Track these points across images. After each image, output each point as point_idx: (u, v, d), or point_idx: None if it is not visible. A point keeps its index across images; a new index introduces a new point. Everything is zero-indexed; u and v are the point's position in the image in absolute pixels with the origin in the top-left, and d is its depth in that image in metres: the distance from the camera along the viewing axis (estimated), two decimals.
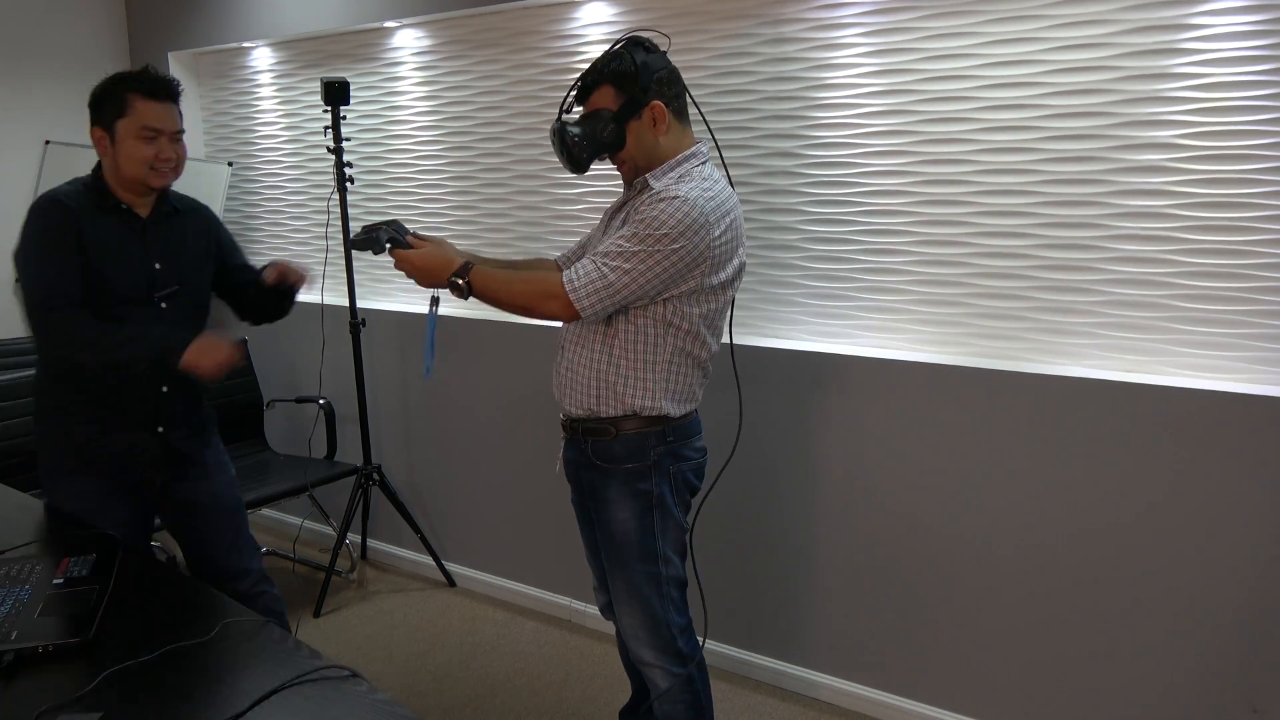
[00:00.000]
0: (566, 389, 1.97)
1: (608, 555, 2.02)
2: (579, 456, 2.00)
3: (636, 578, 1.98)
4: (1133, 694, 2.24)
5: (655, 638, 2.00)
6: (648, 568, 1.97)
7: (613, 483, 1.95)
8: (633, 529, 1.95)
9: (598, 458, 1.95)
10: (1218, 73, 2.01)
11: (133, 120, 2.01)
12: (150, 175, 2.04)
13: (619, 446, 1.92)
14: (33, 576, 1.74)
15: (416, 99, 3.32)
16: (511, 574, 3.34)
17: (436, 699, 2.74)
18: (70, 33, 3.96)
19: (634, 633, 2.02)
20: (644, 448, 1.92)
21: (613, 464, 1.94)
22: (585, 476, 2.00)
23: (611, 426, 1.92)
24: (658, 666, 2.02)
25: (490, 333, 3.18)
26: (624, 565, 1.98)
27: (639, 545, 1.96)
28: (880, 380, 2.46)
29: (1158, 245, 2.14)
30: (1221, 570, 2.10)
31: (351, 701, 1.35)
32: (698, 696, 2.06)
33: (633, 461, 1.92)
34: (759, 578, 2.76)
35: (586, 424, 1.95)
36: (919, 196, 2.40)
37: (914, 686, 2.56)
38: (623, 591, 2.00)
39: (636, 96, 1.86)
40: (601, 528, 2.00)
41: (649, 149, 1.90)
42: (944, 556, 2.45)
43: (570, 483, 2.09)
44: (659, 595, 1.98)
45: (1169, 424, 2.11)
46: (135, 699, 1.35)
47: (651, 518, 1.94)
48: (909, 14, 2.33)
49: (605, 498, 1.96)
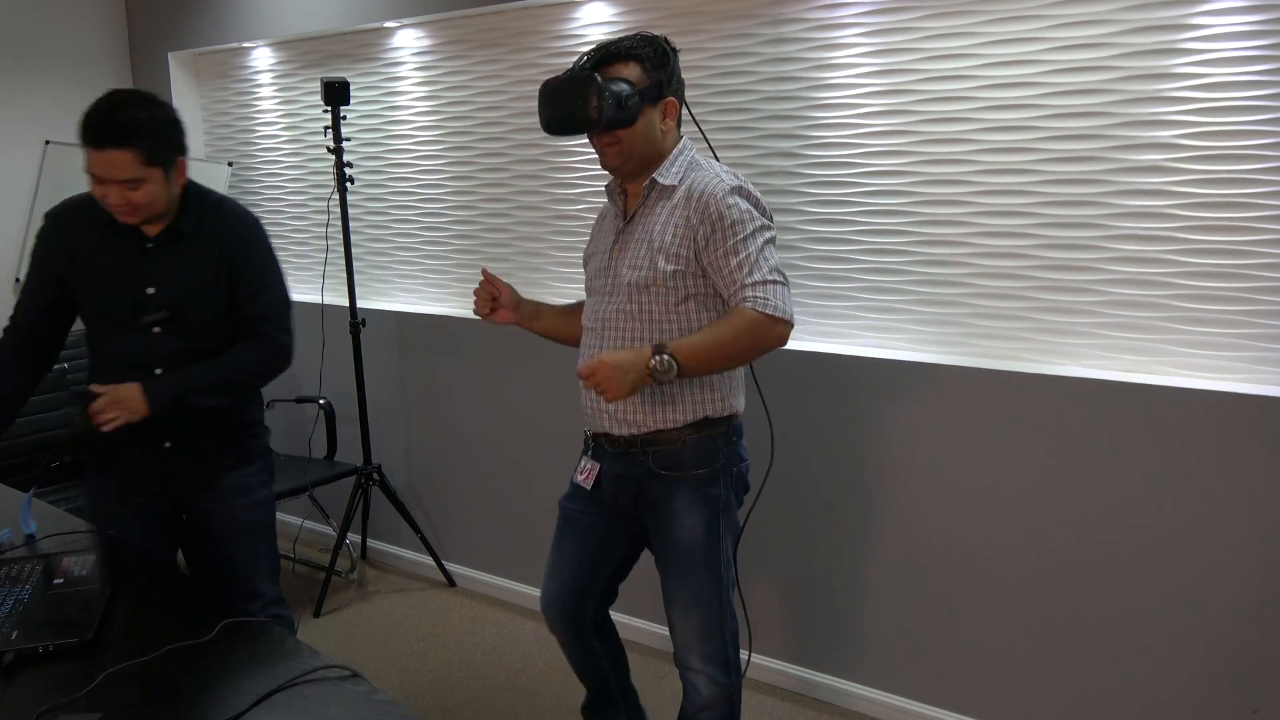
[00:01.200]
0: (617, 413, 1.89)
1: (670, 564, 1.95)
2: (634, 469, 1.92)
3: (702, 583, 1.92)
4: (1132, 694, 2.24)
5: (709, 645, 1.95)
6: (713, 573, 1.92)
7: (681, 491, 1.89)
8: (701, 535, 1.90)
9: (662, 467, 1.89)
10: (1218, 73, 2.01)
11: (87, 162, 1.86)
12: (116, 214, 1.92)
13: (688, 453, 1.88)
14: (33, 576, 1.74)
15: (416, 99, 3.32)
16: (511, 574, 3.34)
17: (436, 699, 2.74)
18: (70, 33, 3.96)
19: (688, 640, 1.96)
20: (714, 451, 1.89)
21: (681, 471, 1.88)
22: (644, 489, 1.92)
23: (678, 435, 1.87)
24: (703, 673, 1.96)
25: (490, 333, 3.18)
26: (688, 572, 1.92)
27: (705, 551, 1.90)
28: (880, 380, 2.46)
29: (1158, 245, 2.14)
30: (1221, 570, 2.10)
31: (351, 701, 1.35)
32: (735, 708, 2.02)
33: (703, 467, 1.88)
34: (755, 577, 2.76)
35: (645, 438, 1.89)
36: (919, 196, 2.40)
37: (910, 684, 2.56)
38: (683, 598, 1.94)
39: (662, 83, 1.85)
40: (664, 537, 1.93)
41: (653, 139, 1.87)
42: (943, 555, 2.44)
43: (610, 500, 2.00)
44: (720, 601, 1.94)
45: (1169, 424, 2.11)
46: (135, 699, 1.35)
47: (719, 523, 1.91)
48: (909, 14, 2.33)
49: (672, 507, 1.90)
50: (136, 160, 1.84)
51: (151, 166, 1.87)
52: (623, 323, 1.88)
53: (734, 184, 1.83)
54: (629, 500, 1.97)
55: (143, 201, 1.89)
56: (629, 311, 1.87)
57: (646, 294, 1.85)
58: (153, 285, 1.99)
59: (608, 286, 1.92)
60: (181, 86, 4.03)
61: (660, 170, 1.88)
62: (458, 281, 3.37)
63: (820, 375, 2.55)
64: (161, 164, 1.89)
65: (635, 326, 1.87)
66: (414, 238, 3.47)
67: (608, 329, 1.91)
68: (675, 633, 1.99)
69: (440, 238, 3.39)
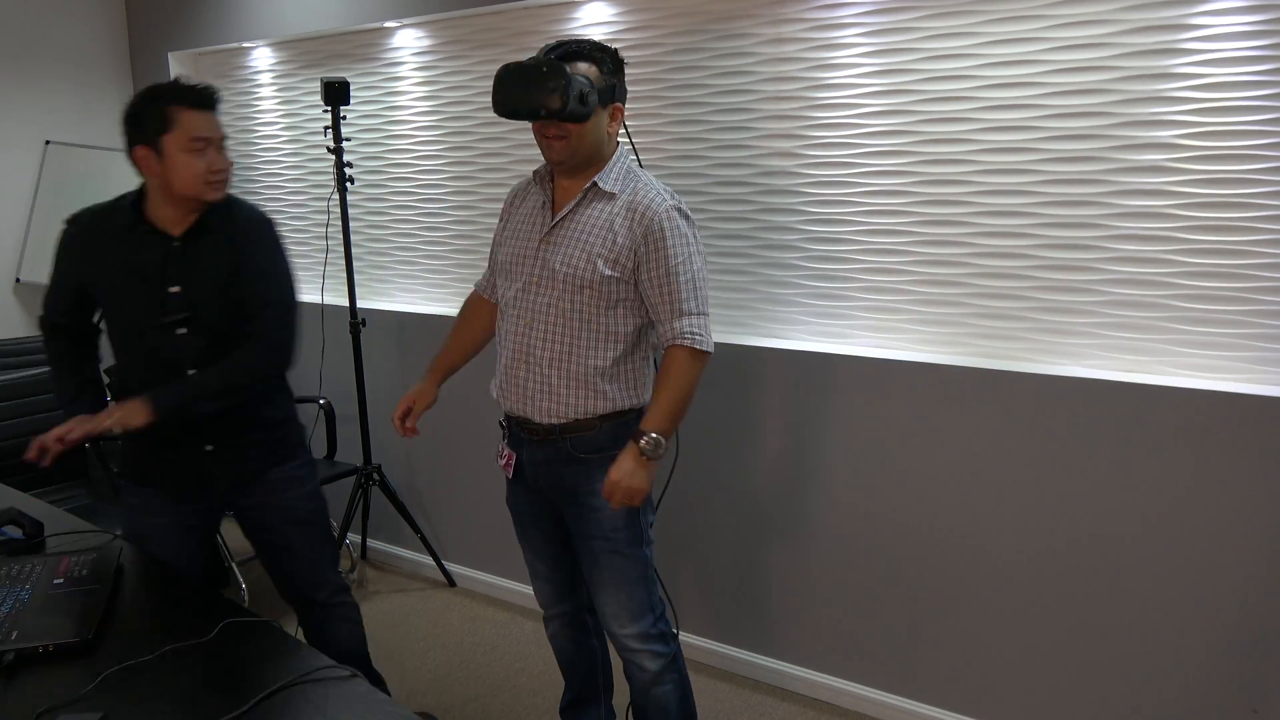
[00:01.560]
0: (538, 400, 1.97)
1: (591, 546, 2.03)
2: (553, 454, 2.01)
3: (624, 562, 2.02)
4: (1132, 693, 2.24)
5: (643, 622, 2.05)
6: (635, 550, 2.02)
7: (597, 472, 1.96)
8: (622, 514, 1.98)
9: (579, 450, 1.98)
10: (1218, 73, 2.01)
11: (180, 133, 1.91)
12: (205, 189, 1.95)
13: (603, 438, 1.97)
14: (33, 576, 1.74)
15: (416, 99, 3.31)
16: (511, 574, 3.34)
17: (436, 699, 2.75)
18: (70, 33, 3.96)
19: (620, 619, 2.05)
20: (625, 433, 1.96)
21: (596, 453, 1.97)
22: (564, 472, 2.01)
23: (595, 423, 1.97)
24: (644, 650, 2.07)
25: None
26: (612, 552, 2.01)
27: (627, 530, 2.00)
28: (880, 380, 2.46)
29: (1158, 245, 2.14)
30: (1221, 570, 2.10)
31: (351, 701, 1.36)
32: (683, 673, 2.14)
33: (616, 447, 1.95)
34: (758, 577, 2.76)
35: (564, 426, 1.97)
36: (919, 196, 2.40)
37: (910, 685, 2.56)
38: (608, 578, 2.03)
39: (615, 87, 1.91)
40: (584, 517, 2.02)
41: (599, 140, 1.91)
42: (943, 555, 2.45)
43: (533, 484, 2.08)
44: (645, 578, 2.04)
45: (1169, 424, 2.11)
46: (135, 699, 1.36)
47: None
48: (909, 14, 2.33)
49: (592, 488, 1.98)
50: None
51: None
52: (555, 319, 1.94)
53: (673, 204, 1.92)
54: (550, 485, 2.06)
55: (232, 165, 2.02)
56: (563, 310, 1.93)
57: (581, 294, 1.91)
58: (177, 284, 1.99)
59: (535, 277, 1.96)
60: None
61: (601, 175, 1.92)
62: (458, 281, 3.37)
63: (820, 375, 2.55)
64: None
65: (570, 325, 1.93)
66: (414, 238, 3.47)
67: (538, 320, 1.96)
68: (607, 617, 2.07)
69: (440, 238, 3.39)
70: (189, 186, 1.94)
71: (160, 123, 1.90)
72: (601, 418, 1.97)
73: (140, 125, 1.92)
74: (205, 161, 1.93)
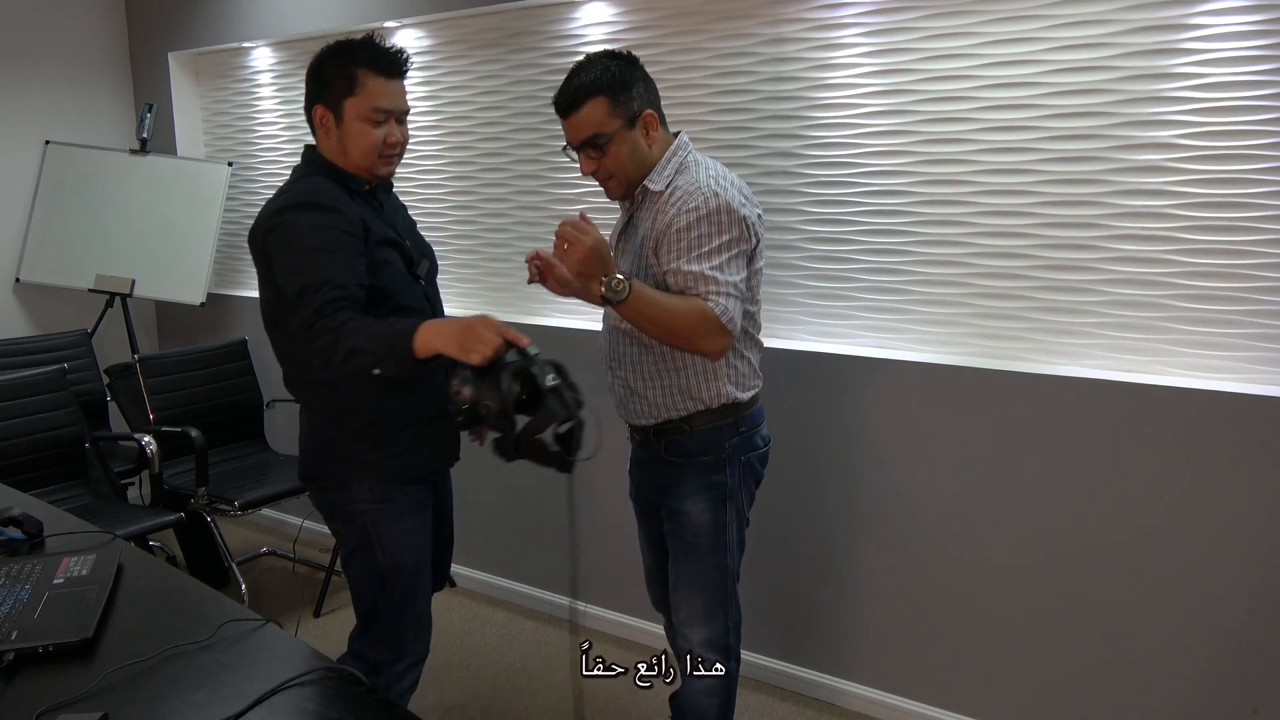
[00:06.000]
0: (628, 404, 2.01)
1: (675, 545, 2.02)
2: (649, 455, 2.04)
3: (706, 568, 1.99)
4: (1132, 693, 2.24)
5: (710, 629, 2.01)
6: (718, 559, 1.99)
7: (687, 477, 1.96)
8: (706, 521, 1.97)
9: (670, 454, 1.98)
10: (1218, 73, 2.01)
11: (362, 100, 1.78)
12: (378, 163, 1.83)
13: (693, 442, 1.95)
14: (33, 576, 1.74)
15: (417, 99, 3.31)
16: (511, 574, 3.34)
17: (436, 699, 2.74)
18: (70, 33, 3.96)
19: (691, 623, 2.02)
20: (718, 440, 1.94)
21: (687, 458, 1.96)
22: (659, 473, 2.02)
23: (684, 424, 1.95)
24: (704, 658, 2.03)
25: None
26: (693, 556, 2.00)
27: (710, 537, 1.98)
28: (880, 380, 2.46)
29: (1158, 245, 2.14)
30: (1221, 570, 2.10)
31: (351, 701, 1.36)
32: (731, 697, 2.08)
33: (707, 454, 1.95)
34: (753, 578, 2.76)
35: (658, 427, 1.98)
36: (919, 196, 2.40)
37: (914, 687, 2.56)
38: (687, 581, 2.02)
39: (633, 101, 1.87)
40: (673, 519, 2.01)
41: (641, 158, 1.90)
42: (943, 555, 2.44)
43: (638, 484, 2.13)
44: (724, 587, 2.01)
45: (1169, 424, 2.11)
46: (135, 699, 1.35)
47: (725, 510, 1.97)
48: (909, 14, 2.33)
49: (679, 493, 1.98)
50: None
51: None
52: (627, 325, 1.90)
53: (714, 188, 1.82)
54: (648, 484, 2.07)
55: (409, 138, 1.91)
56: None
57: None
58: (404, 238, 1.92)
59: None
60: (181, 86, 4.03)
61: (651, 176, 1.92)
62: (458, 281, 3.37)
63: (820, 375, 2.55)
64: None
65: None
66: None
67: (614, 330, 1.99)
68: (678, 616, 2.04)
69: (440, 238, 3.38)
70: (361, 158, 1.82)
71: (346, 85, 1.79)
72: (689, 418, 1.94)
73: (324, 83, 1.81)
74: (383, 133, 1.81)
